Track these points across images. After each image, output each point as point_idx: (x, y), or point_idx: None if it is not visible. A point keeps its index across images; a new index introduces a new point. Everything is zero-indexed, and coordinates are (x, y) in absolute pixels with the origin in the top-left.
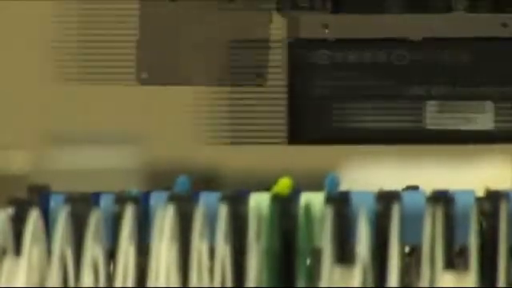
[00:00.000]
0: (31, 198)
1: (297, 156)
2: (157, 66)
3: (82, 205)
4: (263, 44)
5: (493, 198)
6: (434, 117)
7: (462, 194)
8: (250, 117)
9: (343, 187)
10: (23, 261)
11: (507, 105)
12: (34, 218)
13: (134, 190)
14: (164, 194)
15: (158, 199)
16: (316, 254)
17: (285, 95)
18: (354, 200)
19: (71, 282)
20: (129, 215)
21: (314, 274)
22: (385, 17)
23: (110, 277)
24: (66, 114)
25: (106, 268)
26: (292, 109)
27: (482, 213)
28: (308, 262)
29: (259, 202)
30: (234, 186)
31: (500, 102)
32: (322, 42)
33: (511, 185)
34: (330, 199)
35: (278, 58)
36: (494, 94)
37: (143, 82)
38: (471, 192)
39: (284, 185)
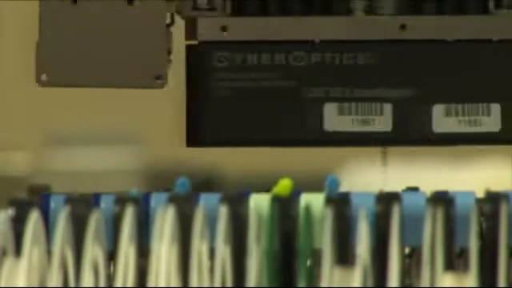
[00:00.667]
0: (31, 198)
1: (297, 157)
2: (57, 67)
3: (82, 206)
4: (163, 46)
5: (493, 199)
6: (333, 119)
7: (462, 195)
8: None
9: (343, 189)
10: (23, 262)
11: (405, 107)
12: (34, 218)
13: (135, 190)
14: (164, 195)
15: (158, 200)
16: (316, 255)
17: (184, 98)
18: (354, 201)
19: (71, 283)
20: (129, 216)
21: (314, 275)
22: (285, 19)
23: (111, 278)
24: (66, 115)
25: (106, 269)
26: (191, 111)
27: (482, 214)
28: (308, 263)
29: (259, 203)
30: (235, 188)
31: (398, 103)
32: (221, 44)
33: (511, 186)
34: (330, 200)
35: (178, 60)
36: (393, 96)
37: (43, 84)
38: (471, 193)
39: (284, 186)
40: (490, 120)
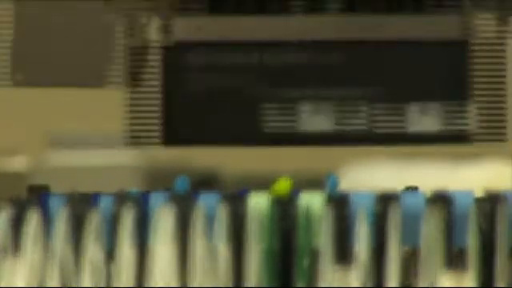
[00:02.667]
0: (31, 198)
1: (297, 157)
2: (31, 66)
3: (81, 205)
4: (137, 47)
5: (491, 199)
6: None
7: (461, 195)
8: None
9: (343, 188)
10: (23, 261)
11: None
12: (33, 218)
13: (134, 190)
14: (164, 195)
15: (157, 199)
16: (315, 254)
17: (159, 97)
18: (354, 201)
19: (70, 282)
20: (128, 215)
21: (313, 273)
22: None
23: (110, 277)
24: (66, 115)
25: (105, 268)
26: (166, 111)
27: (480, 214)
28: (307, 261)
29: (258, 203)
30: (234, 187)
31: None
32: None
33: (510, 186)
34: (329, 200)
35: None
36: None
37: (17, 84)
38: (470, 193)
39: (283, 185)
40: None
